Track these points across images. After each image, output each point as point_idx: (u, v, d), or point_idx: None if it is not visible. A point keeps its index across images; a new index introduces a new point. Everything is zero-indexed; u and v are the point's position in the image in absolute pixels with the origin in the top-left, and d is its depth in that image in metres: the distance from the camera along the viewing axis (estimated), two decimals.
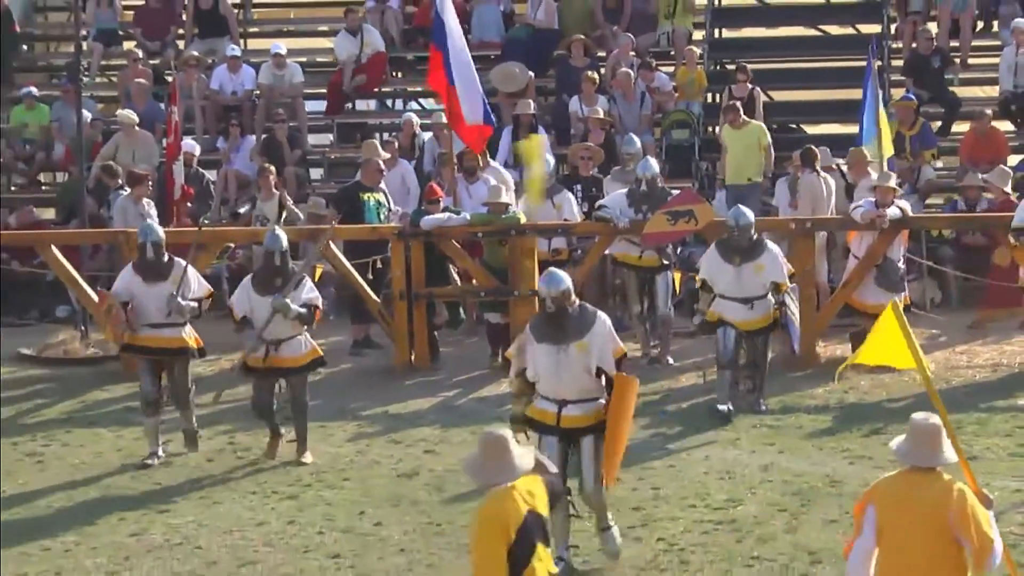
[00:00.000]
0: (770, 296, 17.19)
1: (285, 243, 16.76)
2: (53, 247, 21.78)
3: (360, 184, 22.28)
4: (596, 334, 12.75)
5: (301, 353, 16.54)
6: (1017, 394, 18.99)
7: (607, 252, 21.18)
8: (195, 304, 17.23)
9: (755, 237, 17.37)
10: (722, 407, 17.08)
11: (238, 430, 18.41)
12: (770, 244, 17.45)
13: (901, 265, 20.59)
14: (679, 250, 21.30)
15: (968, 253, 22.13)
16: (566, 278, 12.95)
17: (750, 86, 24.35)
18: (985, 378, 19.63)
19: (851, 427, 17.91)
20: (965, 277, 21.72)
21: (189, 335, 17.30)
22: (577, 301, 12.95)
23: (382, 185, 22.31)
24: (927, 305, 21.66)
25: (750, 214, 17.38)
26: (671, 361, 20.43)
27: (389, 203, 22.01)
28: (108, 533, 15.25)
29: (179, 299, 16.88)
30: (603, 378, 12.78)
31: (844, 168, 22.25)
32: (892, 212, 19.97)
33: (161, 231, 17.64)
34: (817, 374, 19.88)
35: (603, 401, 12.81)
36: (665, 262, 20.60)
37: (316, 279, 22.47)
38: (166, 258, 17.20)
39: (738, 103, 23.61)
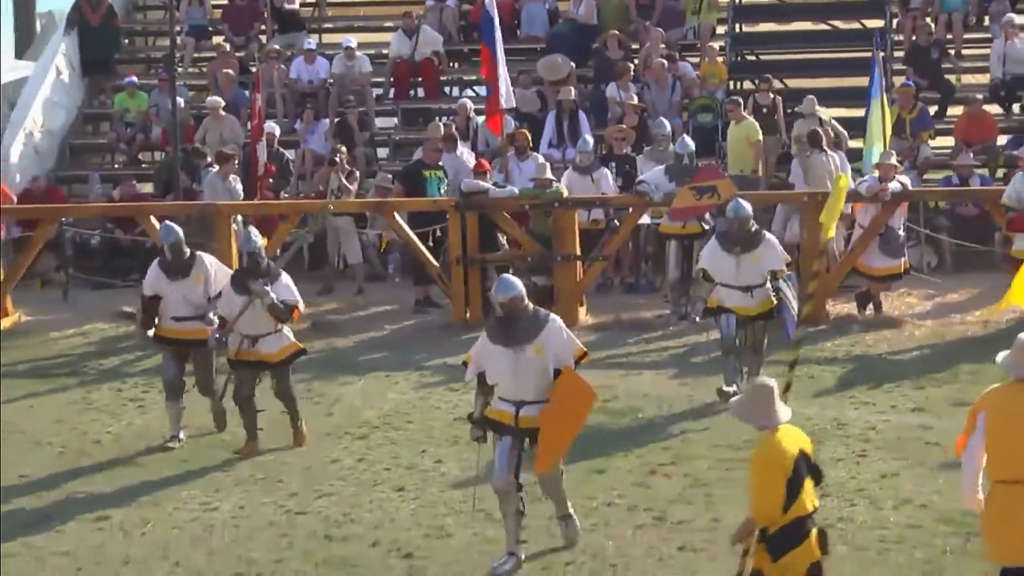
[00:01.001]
0: (768, 284, 16.45)
1: (258, 244, 15.56)
2: (152, 217, 21.83)
3: (422, 162, 22.40)
4: (550, 335, 11.93)
5: (280, 347, 15.43)
6: (998, 346, 18.96)
7: (651, 223, 21.23)
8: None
9: (753, 229, 16.62)
10: (728, 388, 16.43)
11: (315, 379, 18.48)
12: (767, 235, 16.79)
13: (902, 233, 20.66)
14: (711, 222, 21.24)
15: (961, 223, 22.14)
16: (517, 284, 12.16)
17: (771, 95, 24.30)
18: (975, 333, 19.59)
19: (856, 377, 17.94)
20: (958, 244, 21.69)
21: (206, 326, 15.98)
22: (530, 305, 12.12)
23: (441, 163, 22.42)
24: (924, 269, 21.64)
25: (748, 207, 16.65)
26: (698, 319, 20.29)
27: (448, 178, 22.07)
28: (203, 461, 15.57)
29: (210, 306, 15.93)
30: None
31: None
32: (894, 186, 20.07)
33: (180, 233, 16.25)
34: (827, 330, 19.95)
35: None
36: (706, 227, 20.57)
37: (383, 247, 22.60)
38: (187, 256, 16.16)
39: (739, 98, 23.68)
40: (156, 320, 16.20)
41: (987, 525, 10.89)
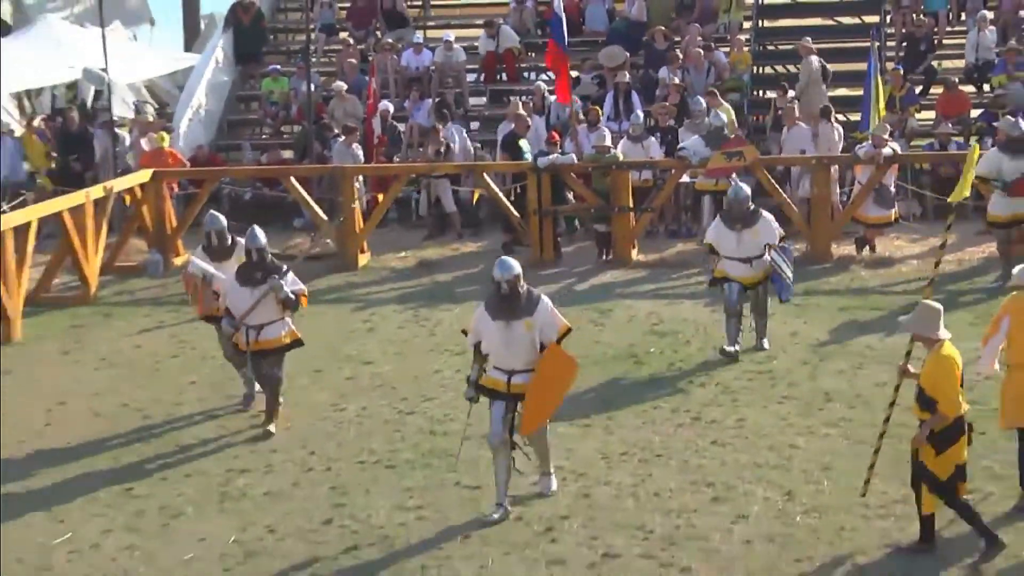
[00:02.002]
0: (766, 255, 15.59)
1: (262, 241, 13.53)
2: (292, 178, 21.97)
3: (515, 133, 22.32)
4: (540, 313, 11.07)
5: (280, 335, 13.42)
6: (975, 279, 18.81)
7: (689, 181, 21.07)
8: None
9: (751, 208, 15.76)
10: (729, 348, 15.64)
11: (421, 306, 18.52)
12: (764, 213, 15.91)
13: (892, 189, 20.54)
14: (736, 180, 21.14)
15: (941, 180, 21.87)
16: (516, 265, 11.23)
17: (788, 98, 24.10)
18: (952, 270, 19.39)
19: (855, 305, 17.78)
20: (938, 198, 21.48)
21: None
22: (525, 285, 11.18)
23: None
24: (910, 218, 21.43)
25: (746, 189, 15.98)
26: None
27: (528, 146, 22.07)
28: (334, 375, 15.50)
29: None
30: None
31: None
32: (886, 151, 19.93)
33: (224, 221, 14.59)
34: (832, 267, 19.81)
35: None
36: (728, 184, 20.36)
37: (475, 201, 22.54)
38: (229, 241, 14.45)
39: (716, 90, 23.50)
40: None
41: (1005, 399, 11.45)
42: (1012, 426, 11.49)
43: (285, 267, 13.38)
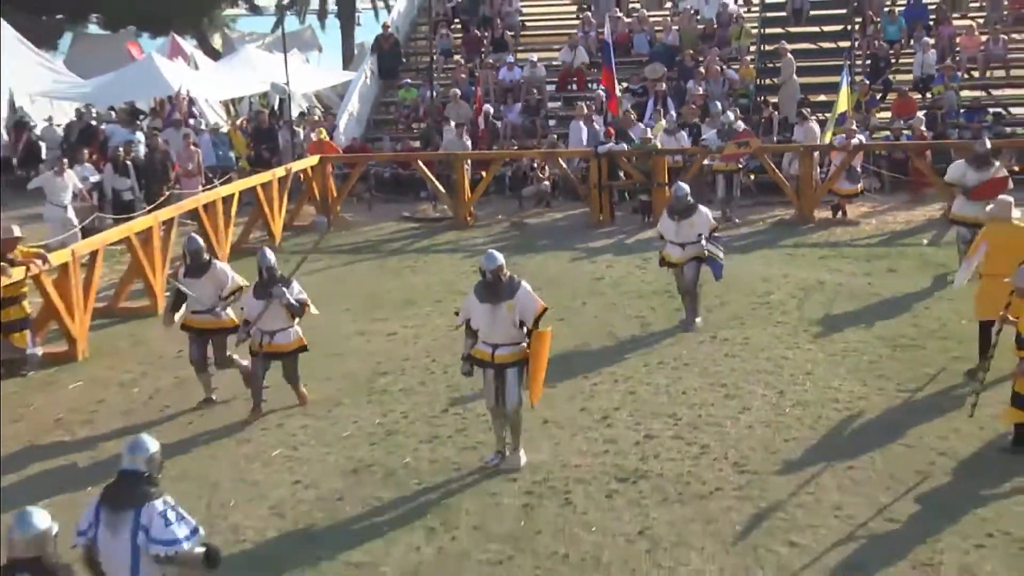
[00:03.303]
0: (702, 241, 13.77)
1: (272, 260, 11.39)
2: (419, 162, 22.00)
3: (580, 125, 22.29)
4: (520, 297, 9.72)
5: (289, 341, 11.39)
6: (921, 236, 18.52)
7: (708, 164, 20.78)
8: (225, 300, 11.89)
9: (690, 202, 13.93)
10: (688, 326, 13.97)
11: (514, 255, 18.45)
12: (701, 207, 14.20)
13: (859, 169, 20.28)
14: (745, 163, 20.99)
15: (894, 163, 21.66)
16: (499, 257, 9.86)
17: (772, 110, 23.81)
18: (900, 228, 19.13)
19: (830, 254, 17.57)
20: (892, 176, 21.24)
21: (225, 318, 11.85)
22: (507, 273, 9.84)
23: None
24: (872, 190, 21.16)
25: (686, 188, 14.19)
26: (737, 221, 20.10)
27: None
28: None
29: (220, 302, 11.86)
30: (524, 329, 9.78)
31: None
32: (855, 141, 19.78)
33: (200, 242, 12.01)
34: (814, 227, 19.54)
35: (524, 344, 9.80)
36: (738, 167, 20.56)
37: (550, 180, 22.42)
38: (204, 261, 11.84)
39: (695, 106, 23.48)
40: (181, 310, 12.03)
41: (977, 300, 11.56)
42: (982, 318, 11.43)
43: (292, 280, 11.43)
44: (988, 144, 15.51)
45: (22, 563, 5.88)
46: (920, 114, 22.72)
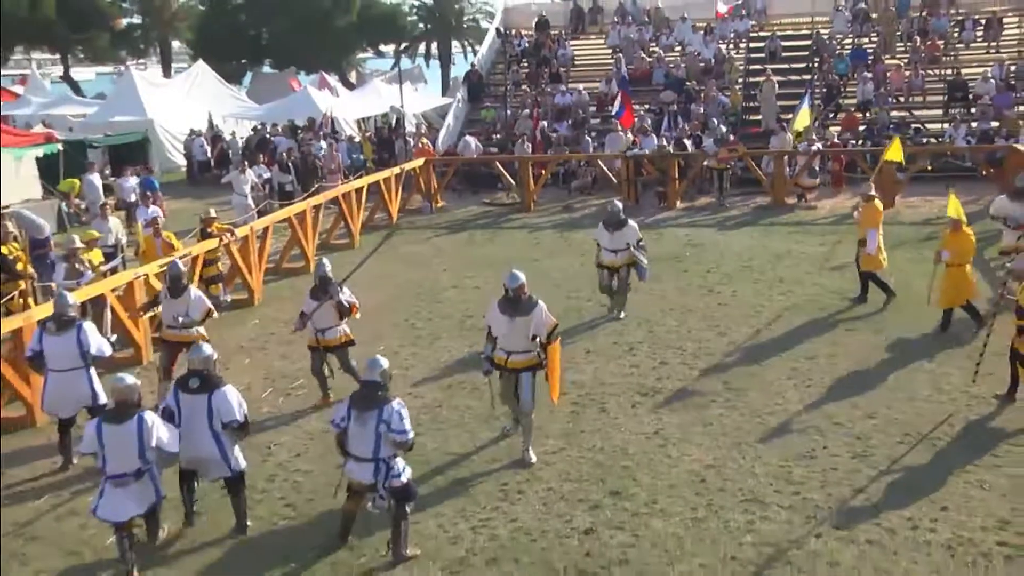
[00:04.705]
0: (631, 249, 12.05)
1: (327, 269, 9.72)
2: (497, 163, 21.77)
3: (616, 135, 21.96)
4: (536, 314, 8.20)
5: (337, 336, 9.69)
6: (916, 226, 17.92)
7: (706, 164, 20.20)
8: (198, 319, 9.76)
9: (622, 218, 12.17)
10: (613, 313, 12.28)
11: (565, 231, 18.25)
12: (630, 221, 12.24)
13: (817, 168, 19.64)
14: (733, 163, 20.35)
15: (843, 164, 20.98)
16: (521, 276, 8.36)
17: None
18: (847, 212, 18.45)
19: (795, 230, 17.08)
20: (842, 173, 20.61)
21: (193, 333, 9.65)
22: (527, 292, 8.34)
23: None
24: (827, 183, 20.52)
25: (619, 204, 12.33)
26: (728, 206, 19.45)
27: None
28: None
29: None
30: (538, 340, 8.21)
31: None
32: (813, 148, 19.22)
33: (181, 267, 9.89)
34: (784, 210, 18.88)
35: (535, 353, 8.24)
36: (728, 166, 19.92)
37: (589, 173, 21.95)
38: (182, 285, 9.75)
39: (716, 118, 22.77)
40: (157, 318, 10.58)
41: (941, 289, 10.70)
42: (946, 306, 10.77)
43: (343, 286, 9.76)
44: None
45: (195, 372, 7.14)
46: (862, 128, 22.04)
